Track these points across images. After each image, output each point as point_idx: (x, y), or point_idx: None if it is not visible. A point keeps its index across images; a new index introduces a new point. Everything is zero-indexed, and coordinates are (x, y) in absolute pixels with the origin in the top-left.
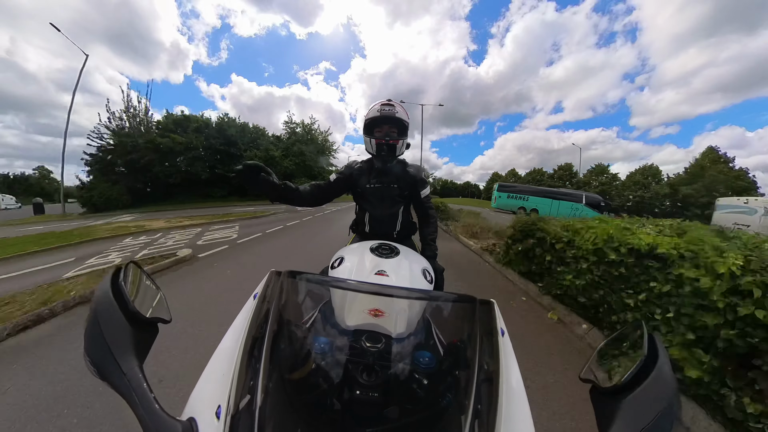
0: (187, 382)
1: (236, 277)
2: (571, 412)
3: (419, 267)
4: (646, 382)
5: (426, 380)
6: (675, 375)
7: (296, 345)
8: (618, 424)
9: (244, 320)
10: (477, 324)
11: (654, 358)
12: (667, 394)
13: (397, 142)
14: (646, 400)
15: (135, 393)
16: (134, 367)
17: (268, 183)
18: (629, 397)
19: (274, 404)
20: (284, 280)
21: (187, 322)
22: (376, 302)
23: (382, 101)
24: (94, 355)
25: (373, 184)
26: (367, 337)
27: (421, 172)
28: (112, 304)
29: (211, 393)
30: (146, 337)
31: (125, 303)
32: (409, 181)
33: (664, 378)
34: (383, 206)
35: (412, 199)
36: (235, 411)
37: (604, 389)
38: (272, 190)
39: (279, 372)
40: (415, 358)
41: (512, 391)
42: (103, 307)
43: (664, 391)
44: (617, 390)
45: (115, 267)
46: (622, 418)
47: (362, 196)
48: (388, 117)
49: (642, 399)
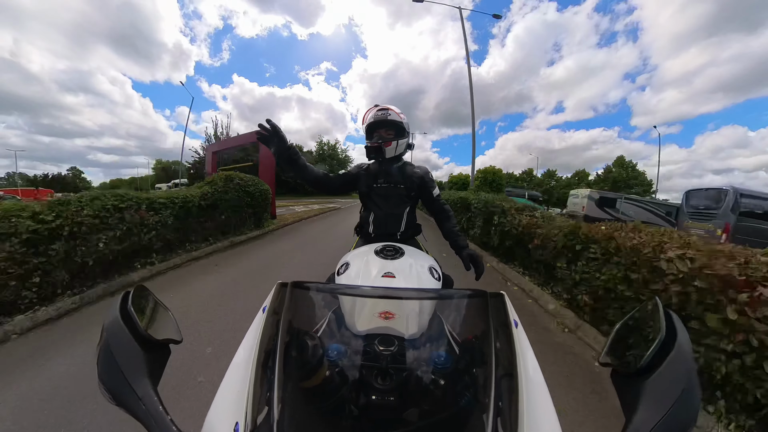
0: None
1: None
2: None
3: (426, 266)
4: (668, 360)
5: (443, 380)
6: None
7: (309, 354)
8: (644, 405)
9: (255, 334)
10: (490, 318)
11: (673, 336)
12: (689, 371)
13: (389, 144)
14: (670, 378)
15: (152, 416)
16: (149, 390)
17: (280, 138)
18: (652, 378)
19: (292, 416)
20: (291, 291)
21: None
22: (386, 305)
23: (376, 107)
24: (109, 381)
25: (380, 184)
26: (379, 341)
27: (428, 173)
28: (122, 329)
29: (228, 410)
30: (159, 359)
31: (135, 327)
32: (417, 182)
33: (684, 356)
34: (389, 206)
35: (424, 200)
36: (253, 426)
37: (625, 372)
38: (281, 146)
39: (294, 383)
40: (429, 358)
41: (532, 384)
42: (113, 333)
43: (687, 368)
44: (639, 372)
45: (123, 293)
46: (647, 399)
47: (368, 196)
48: (382, 121)
49: (665, 378)
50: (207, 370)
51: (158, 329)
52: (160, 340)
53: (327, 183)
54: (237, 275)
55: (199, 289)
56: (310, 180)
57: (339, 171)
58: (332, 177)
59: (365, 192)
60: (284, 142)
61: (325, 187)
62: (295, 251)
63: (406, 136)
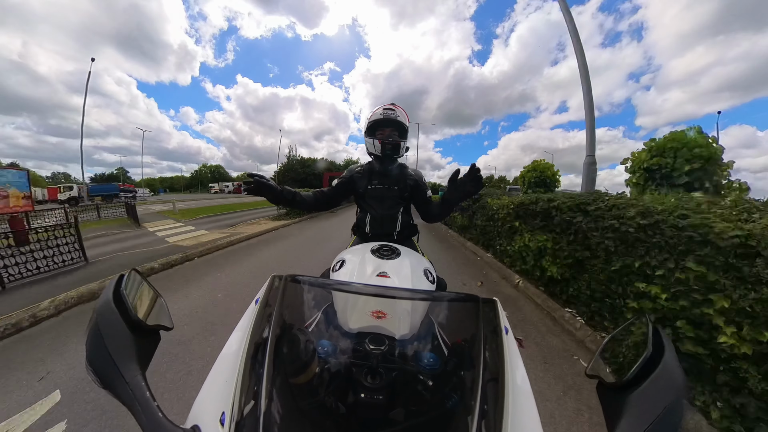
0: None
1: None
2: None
3: (420, 267)
4: (653, 376)
5: (431, 381)
6: (682, 367)
7: (299, 349)
8: (626, 419)
9: (246, 326)
10: (481, 323)
11: (660, 351)
12: (674, 387)
13: (399, 142)
14: (654, 393)
15: (138, 402)
16: (137, 375)
17: (268, 187)
18: (636, 392)
19: (279, 409)
20: (285, 285)
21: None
22: (379, 304)
23: (384, 105)
24: (96, 364)
25: (374, 185)
26: (370, 340)
27: (422, 175)
28: (113, 312)
29: (215, 400)
30: (148, 345)
31: (127, 311)
32: (410, 184)
33: (670, 371)
34: (383, 207)
35: (417, 202)
36: (240, 417)
37: (610, 384)
38: (271, 194)
39: (283, 377)
40: (419, 359)
41: (518, 390)
42: (104, 315)
43: (672, 384)
44: (624, 385)
45: (117, 276)
46: (630, 412)
47: (363, 198)
48: (390, 120)
49: (649, 393)
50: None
51: (150, 315)
52: (151, 325)
53: (323, 202)
54: None
55: None
56: (309, 208)
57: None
58: (325, 192)
59: (360, 193)
60: (273, 189)
61: (324, 205)
62: None
63: (407, 139)
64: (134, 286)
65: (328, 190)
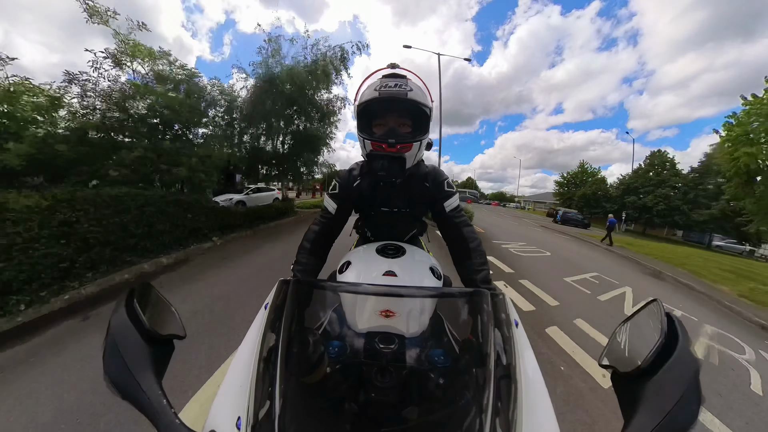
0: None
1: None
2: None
3: (426, 264)
4: (668, 364)
5: (442, 378)
6: (696, 354)
7: (310, 351)
8: (643, 408)
9: (257, 330)
10: (490, 317)
11: (674, 338)
12: (690, 375)
13: (410, 146)
14: (670, 382)
15: (156, 410)
16: (153, 384)
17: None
18: (652, 380)
19: (293, 411)
20: (293, 288)
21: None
22: (387, 303)
23: (383, 70)
24: (114, 375)
25: (378, 209)
26: (380, 339)
27: (442, 177)
28: (127, 325)
29: (231, 404)
30: (163, 354)
31: (141, 323)
32: (429, 200)
33: (685, 358)
34: (393, 232)
35: (434, 217)
36: (255, 421)
37: (625, 374)
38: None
39: (295, 379)
40: (429, 356)
41: (531, 384)
42: (119, 328)
43: (687, 372)
44: (639, 374)
45: (128, 289)
46: (646, 402)
47: (365, 220)
48: (394, 98)
49: (665, 381)
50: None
51: (163, 325)
52: (164, 335)
53: (335, 230)
54: None
55: None
56: (329, 244)
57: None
58: (333, 226)
59: (362, 216)
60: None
61: (337, 234)
62: None
63: (428, 131)
64: (146, 297)
65: (328, 220)
